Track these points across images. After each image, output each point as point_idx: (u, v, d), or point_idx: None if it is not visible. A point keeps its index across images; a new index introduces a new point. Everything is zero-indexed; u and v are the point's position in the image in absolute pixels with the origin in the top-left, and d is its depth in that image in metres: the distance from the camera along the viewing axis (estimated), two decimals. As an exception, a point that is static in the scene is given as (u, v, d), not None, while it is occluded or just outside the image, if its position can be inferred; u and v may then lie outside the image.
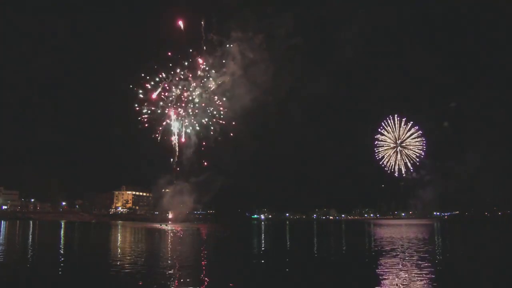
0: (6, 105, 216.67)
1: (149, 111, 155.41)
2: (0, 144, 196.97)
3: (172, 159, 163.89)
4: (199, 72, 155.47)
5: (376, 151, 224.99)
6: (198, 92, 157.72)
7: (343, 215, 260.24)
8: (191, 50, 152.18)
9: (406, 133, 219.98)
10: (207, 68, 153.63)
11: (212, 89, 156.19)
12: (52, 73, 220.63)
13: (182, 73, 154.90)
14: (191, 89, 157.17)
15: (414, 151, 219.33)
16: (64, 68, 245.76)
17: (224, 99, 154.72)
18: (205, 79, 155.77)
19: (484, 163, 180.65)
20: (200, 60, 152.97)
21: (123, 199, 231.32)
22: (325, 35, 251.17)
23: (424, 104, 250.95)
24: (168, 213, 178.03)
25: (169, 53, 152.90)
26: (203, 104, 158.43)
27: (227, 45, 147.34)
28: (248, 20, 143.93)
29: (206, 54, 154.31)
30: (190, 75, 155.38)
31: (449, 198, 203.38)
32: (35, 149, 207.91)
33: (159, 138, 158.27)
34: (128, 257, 30.09)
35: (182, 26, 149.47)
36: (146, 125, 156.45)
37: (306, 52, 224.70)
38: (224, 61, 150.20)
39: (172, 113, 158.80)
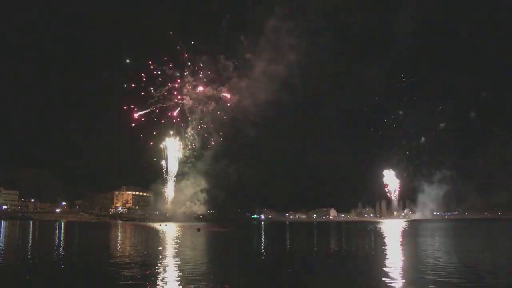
0: (6, 105, 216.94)
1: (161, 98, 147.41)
2: (0, 144, 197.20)
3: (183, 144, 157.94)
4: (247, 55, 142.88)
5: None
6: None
7: (343, 215, 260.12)
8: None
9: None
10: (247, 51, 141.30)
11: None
12: (52, 74, 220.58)
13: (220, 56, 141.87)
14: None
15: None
16: (64, 69, 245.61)
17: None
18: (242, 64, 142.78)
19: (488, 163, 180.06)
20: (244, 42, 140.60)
21: (123, 199, 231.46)
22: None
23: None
24: (168, 213, 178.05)
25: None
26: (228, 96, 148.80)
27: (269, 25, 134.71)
28: None
29: (249, 34, 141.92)
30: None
31: (449, 198, 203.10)
32: (35, 149, 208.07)
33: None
34: (127, 258, 30.08)
35: None
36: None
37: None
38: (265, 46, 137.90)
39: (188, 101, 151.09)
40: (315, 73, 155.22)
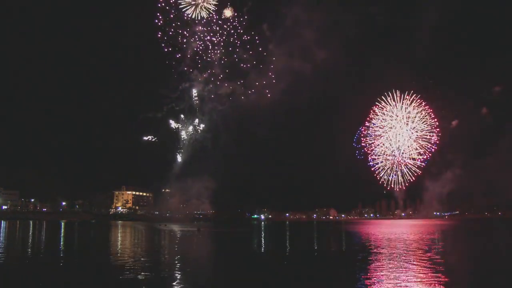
0: (6, 105, 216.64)
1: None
2: (0, 144, 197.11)
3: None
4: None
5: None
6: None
7: (343, 215, 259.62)
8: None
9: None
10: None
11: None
12: (53, 75, 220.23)
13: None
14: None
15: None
16: (66, 70, 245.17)
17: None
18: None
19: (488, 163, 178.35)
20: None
21: (123, 199, 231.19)
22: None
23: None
24: (168, 213, 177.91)
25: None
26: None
27: None
28: None
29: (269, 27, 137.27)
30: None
31: (449, 197, 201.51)
32: (35, 149, 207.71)
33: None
34: (127, 258, 30.05)
35: None
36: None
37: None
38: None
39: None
40: (334, 70, 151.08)
